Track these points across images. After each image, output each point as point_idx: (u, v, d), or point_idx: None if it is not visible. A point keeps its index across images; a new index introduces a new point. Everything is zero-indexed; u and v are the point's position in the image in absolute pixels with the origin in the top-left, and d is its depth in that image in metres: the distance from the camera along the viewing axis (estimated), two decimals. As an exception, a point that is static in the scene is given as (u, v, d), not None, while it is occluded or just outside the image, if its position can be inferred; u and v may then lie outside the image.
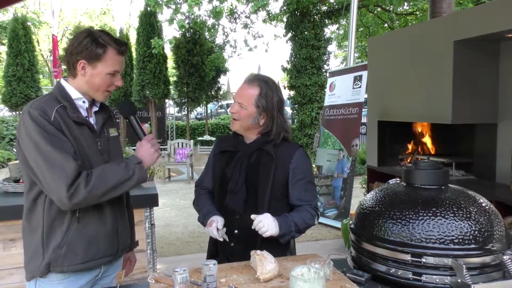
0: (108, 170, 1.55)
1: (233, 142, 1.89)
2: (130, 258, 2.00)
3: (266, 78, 1.82)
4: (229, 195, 1.82)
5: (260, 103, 1.76)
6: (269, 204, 1.76)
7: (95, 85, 1.61)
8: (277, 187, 1.79)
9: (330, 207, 5.92)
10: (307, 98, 11.96)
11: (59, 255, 1.57)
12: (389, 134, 4.29)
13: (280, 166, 1.79)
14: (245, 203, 1.79)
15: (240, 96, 1.78)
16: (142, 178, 1.60)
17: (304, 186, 1.81)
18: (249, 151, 1.83)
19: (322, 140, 6.45)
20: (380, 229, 1.51)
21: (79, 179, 1.47)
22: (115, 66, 1.60)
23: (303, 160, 1.84)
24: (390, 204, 1.55)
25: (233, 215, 1.79)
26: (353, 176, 5.73)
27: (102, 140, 1.69)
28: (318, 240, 5.26)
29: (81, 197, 1.47)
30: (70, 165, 1.46)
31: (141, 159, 1.62)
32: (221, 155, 1.90)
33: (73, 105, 1.61)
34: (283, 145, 1.84)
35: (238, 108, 1.77)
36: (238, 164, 1.82)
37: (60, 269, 1.58)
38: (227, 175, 1.83)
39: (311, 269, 1.36)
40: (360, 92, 5.85)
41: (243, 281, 1.49)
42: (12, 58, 13.03)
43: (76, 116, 1.58)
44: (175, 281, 1.24)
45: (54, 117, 1.52)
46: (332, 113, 6.30)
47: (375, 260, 1.52)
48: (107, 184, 1.52)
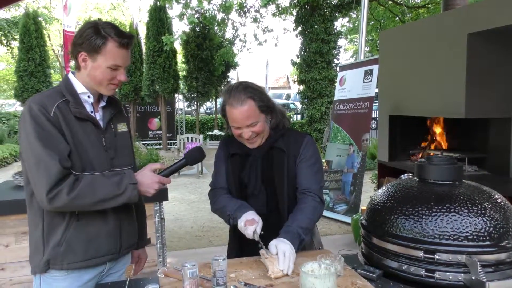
0: (98, 181, 1.51)
1: (238, 144, 1.83)
2: (141, 256, 1.98)
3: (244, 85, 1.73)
4: (250, 198, 1.80)
5: (262, 108, 1.72)
6: (288, 198, 1.77)
7: (96, 79, 1.56)
8: (293, 181, 1.79)
9: (340, 202, 5.89)
10: (317, 92, 11.89)
11: (58, 252, 1.56)
12: (400, 128, 4.23)
13: (291, 156, 1.78)
14: (267, 204, 1.79)
15: (245, 119, 1.67)
16: (133, 197, 1.55)
17: (310, 168, 1.78)
18: (261, 152, 1.80)
19: (332, 134, 6.41)
20: (392, 225, 1.48)
21: (63, 184, 1.44)
22: (116, 60, 1.54)
23: (311, 145, 1.83)
24: (402, 199, 1.52)
25: None
26: (363, 171, 5.69)
27: (108, 136, 1.66)
28: (327, 235, 5.24)
29: (62, 203, 1.45)
30: (54, 167, 1.43)
31: (137, 182, 1.56)
32: (233, 159, 1.85)
33: (77, 99, 1.57)
34: (291, 135, 1.84)
35: (251, 128, 1.70)
36: (253, 168, 1.80)
37: (59, 267, 1.57)
38: (245, 180, 1.81)
39: (322, 265, 1.34)
40: (370, 87, 5.79)
41: (253, 276, 1.48)
42: (23, 53, 13.15)
43: (78, 111, 1.55)
44: (185, 276, 1.24)
45: (54, 113, 1.50)
46: (342, 108, 6.24)
47: (387, 256, 1.50)
48: (94, 195, 1.48)
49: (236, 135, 1.74)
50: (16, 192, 3.04)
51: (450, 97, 3.33)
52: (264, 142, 1.79)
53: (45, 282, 1.61)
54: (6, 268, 2.99)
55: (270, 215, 1.76)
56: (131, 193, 1.53)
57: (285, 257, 1.50)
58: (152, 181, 1.59)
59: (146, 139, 14.36)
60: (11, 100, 24.15)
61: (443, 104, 3.44)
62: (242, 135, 1.71)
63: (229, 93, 1.70)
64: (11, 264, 2.99)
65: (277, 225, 1.65)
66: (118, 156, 1.68)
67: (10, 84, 23.05)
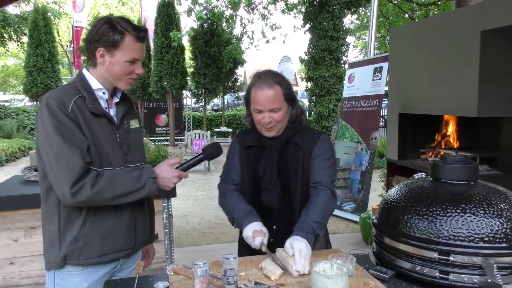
0: (119, 175, 1.52)
1: (255, 136, 1.84)
2: (149, 251, 1.98)
3: (272, 72, 1.79)
4: (264, 192, 1.79)
5: (287, 96, 1.75)
6: (302, 194, 1.77)
7: (115, 74, 1.57)
8: (307, 177, 1.78)
9: (348, 200, 5.87)
10: (325, 90, 11.83)
11: (76, 248, 1.56)
12: (410, 127, 4.18)
13: (307, 152, 1.79)
14: (280, 198, 1.78)
15: (269, 102, 1.70)
16: (153, 192, 1.57)
17: (323, 162, 1.78)
18: (277, 146, 1.80)
19: (340, 132, 6.37)
20: (405, 225, 1.46)
21: (86, 178, 1.45)
22: (134, 54, 1.56)
23: (326, 142, 1.84)
24: (416, 199, 1.50)
25: (269, 211, 1.78)
26: (372, 169, 5.65)
27: (122, 132, 1.66)
28: (335, 233, 5.22)
29: (85, 197, 1.45)
30: (77, 162, 1.43)
31: (157, 176, 1.58)
32: (248, 151, 1.85)
33: (92, 95, 1.57)
34: (307, 131, 1.85)
35: (273, 115, 1.71)
36: (269, 162, 1.79)
37: (76, 262, 1.57)
38: (260, 174, 1.79)
39: (334, 265, 1.32)
40: (380, 84, 5.74)
41: (263, 275, 1.46)
42: (32, 49, 13.22)
43: (94, 107, 1.55)
44: (195, 274, 1.22)
45: (72, 108, 1.50)
46: (351, 105, 6.20)
47: (399, 257, 1.48)
48: (114, 190, 1.49)
49: (257, 120, 1.75)
50: (25, 187, 3.05)
51: (462, 96, 3.28)
52: (281, 135, 1.80)
53: (59, 277, 1.60)
54: (15, 262, 3.01)
55: (283, 210, 1.76)
56: (150, 187, 1.54)
57: (301, 256, 1.48)
58: (172, 175, 1.60)
59: (154, 135, 14.40)
60: (20, 95, 24.35)
61: (455, 103, 3.39)
62: (263, 120, 1.72)
63: (258, 77, 1.74)
64: (20, 258, 3.00)
65: (290, 220, 1.65)
66: (131, 152, 1.68)
67: (19, 79, 23.23)
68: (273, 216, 1.78)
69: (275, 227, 1.74)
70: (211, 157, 1.74)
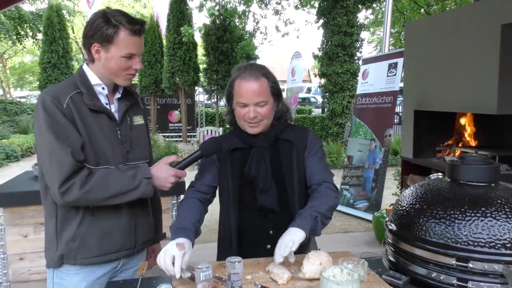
0: (112, 175, 1.47)
1: (238, 138, 1.71)
2: (155, 250, 1.93)
3: (258, 65, 1.69)
4: (261, 195, 1.67)
5: (274, 90, 1.65)
6: (299, 192, 1.67)
7: (111, 70, 1.51)
8: (302, 173, 1.69)
9: (361, 199, 5.77)
10: (339, 86, 11.68)
11: (72, 248, 1.53)
12: (426, 124, 4.07)
13: (300, 149, 1.70)
14: (278, 199, 1.67)
15: (255, 95, 1.58)
16: (148, 193, 1.51)
17: (321, 161, 1.71)
18: (267, 143, 1.69)
19: (353, 129, 6.27)
20: (420, 228, 1.38)
21: (75, 177, 1.41)
22: (130, 48, 1.48)
23: (315, 137, 1.76)
24: (432, 201, 1.41)
25: (266, 215, 1.68)
26: (386, 167, 5.54)
27: (124, 129, 1.61)
28: (347, 232, 5.13)
29: (74, 197, 1.41)
30: (67, 160, 1.39)
31: (152, 176, 1.52)
32: (231, 155, 1.70)
33: (91, 91, 1.53)
34: (295, 129, 1.76)
35: (258, 109, 1.60)
36: (262, 161, 1.67)
37: (73, 262, 1.55)
38: (251, 174, 1.66)
39: (344, 270, 1.25)
40: (395, 80, 5.62)
41: (269, 279, 1.40)
42: (47, 45, 13.34)
43: (92, 103, 1.51)
44: (197, 278, 1.17)
45: (67, 105, 1.45)
46: (365, 102, 6.09)
47: (414, 262, 1.40)
48: (107, 190, 1.44)
49: (240, 115, 1.62)
50: (35, 183, 3.04)
51: (481, 92, 3.16)
52: (269, 132, 1.69)
53: (58, 276, 1.58)
54: (25, 258, 3.01)
55: (281, 211, 1.64)
56: (145, 187, 1.49)
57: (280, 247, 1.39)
58: (168, 174, 1.54)
59: (166, 131, 14.42)
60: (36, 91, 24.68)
61: (473, 99, 3.27)
62: (247, 115, 1.60)
63: (242, 69, 1.63)
64: (29, 254, 3.00)
65: (287, 223, 1.51)
66: (133, 150, 1.63)
67: (35, 75, 23.53)
68: (268, 220, 1.67)
69: (272, 232, 1.64)
70: (210, 154, 1.65)
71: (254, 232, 1.65)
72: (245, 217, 1.68)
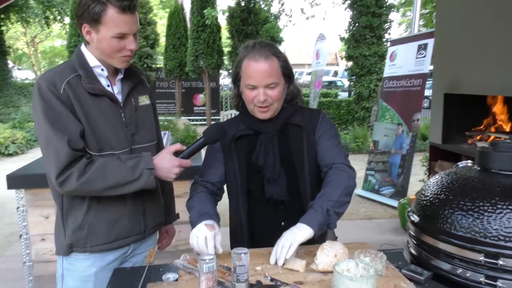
0: (111, 165, 1.40)
1: (244, 124, 1.60)
2: (168, 231, 1.90)
3: (267, 42, 1.55)
4: (269, 185, 1.56)
5: (285, 70, 1.52)
6: (310, 180, 1.55)
7: (104, 51, 1.42)
8: (313, 159, 1.57)
9: (386, 185, 5.63)
10: (366, 69, 11.37)
11: (81, 236, 1.50)
12: (456, 108, 3.87)
13: (310, 132, 1.57)
14: (288, 188, 1.56)
15: (266, 76, 1.45)
16: (150, 184, 1.44)
17: (331, 141, 1.57)
18: (275, 129, 1.57)
19: (379, 113, 6.08)
20: (446, 221, 1.27)
21: (73, 167, 1.35)
22: (120, 28, 1.37)
23: (327, 119, 1.63)
24: (459, 191, 1.30)
25: (276, 206, 1.58)
26: (413, 152, 5.35)
27: (128, 111, 1.53)
28: (371, 219, 5.02)
29: (72, 187, 1.36)
30: (63, 150, 1.34)
31: (155, 167, 1.44)
32: (237, 143, 1.59)
33: (89, 74, 1.45)
34: (305, 112, 1.63)
35: (268, 91, 1.47)
36: (269, 148, 1.55)
37: (82, 250, 1.52)
38: (259, 163, 1.56)
39: (359, 265, 1.16)
40: (424, 62, 5.38)
41: (280, 270, 1.32)
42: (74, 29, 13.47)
43: (91, 86, 1.43)
44: (201, 270, 1.10)
45: (64, 90, 1.39)
46: (392, 85, 5.87)
47: (438, 257, 1.29)
48: (105, 181, 1.38)
49: (249, 98, 1.50)
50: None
51: (518, 74, 2.95)
52: (277, 117, 1.56)
53: (67, 262, 1.56)
54: (47, 239, 3.04)
55: (292, 201, 1.53)
56: (147, 179, 1.41)
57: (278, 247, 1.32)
58: (171, 165, 1.46)
59: (191, 115, 14.47)
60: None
61: (507, 82, 3.06)
62: (257, 98, 1.48)
63: (250, 47, 1.50)
64: (51, 235, 3.02)
65: (299, 214, 1.42)
66: (139, 132, 1.57)
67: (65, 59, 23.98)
68: (279, 211, 1.56)
69: (284, 224, 1.54)
70: (214, 141, 1.54)
71: (265, 224, 1.57)
72: (255, 209, 1.60)
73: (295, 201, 1.51)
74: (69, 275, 1.56)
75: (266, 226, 1.54)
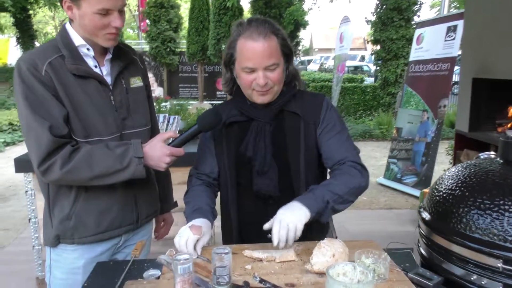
0: (98, 153, 1.31)
1: (237, 109, 1.46)
2: (166, 220, 1.82)
3: (264, 19, 1.38)
4: (257, 178, 1.42)
5: (285, 50, 1.37)
6: (305, 175, 1.40)
7: (87, 29, 1.32)
8: (311, 153, 1.41)
9: (409, 174, 5.41)
10: (393, 53, 10.97)
11: (68, 227, 1.42)
12: (486, 94, 3.62)
13: (310, 123, 1.41)
14: (279, 182, 1.42)
15: (266, 57, 1.30)
16: (139, 173, 1.33)
17: (339, 135, 1.41)
18: (269, 116, 1.42)
19: (404, 99, 5.82)
20: (460, 220, 1.12)
21: (56, 155, 1.27)
22: (102, 2, 1.27)
23: (332, 108, 1.45)
24: (477, 187, 1.14)
25: (265, 201, 1.44)
26: (438, 140, 5.10)
27: (118, 93, 1.44)
28: (391, 208, 4.84)
29: (55, 177, 1.29)
30: (45, 137, 1.25)
31: (145, 155, 1.34)
32: (227, 130, 1.47)
33: (74, 54, 1.35)
34: (305, 97, 1.47)
35: (269, 74, 1.33)
36: (261, 136, 1.40)
37: (70, 241, 1.44)
38: (248, 154, 1.42)
39: (357, 268, 1.03)
40: (453, 45, 5.08)
41: (272, 270, 1.20)
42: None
43: (76, 67, 1.33)
44: (175, 271, 1.00)
45: (45, 72, 1.29)
46: (418, 70, 5.59)
47: (450, 260, 1.15)
48: (91, 170, 1.30)
49: (247, 82, 1.35)
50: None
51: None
52: (274, 101, 1.40)
53: (55, 253, 1.49)
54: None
55: (284, 197, 1.34)
56: (136, 168, 1.32)
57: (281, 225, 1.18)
58: (162, 153, 1.35)
59: (214, 99, 14.41)
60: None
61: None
62: (256, 81, 1.32)
63: (245, 25, 1.35)
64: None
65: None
66: (131, 116, 1.47)
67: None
68: (269, 206, 1.39)
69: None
70: (209, 128, 1.40)
71: (254, 219, 1.43)
72: (244, 203, 1.48)
73: (287, 199, 1.32)
74: (56, 267, 1.50)
75: (256, 222, 1.40)
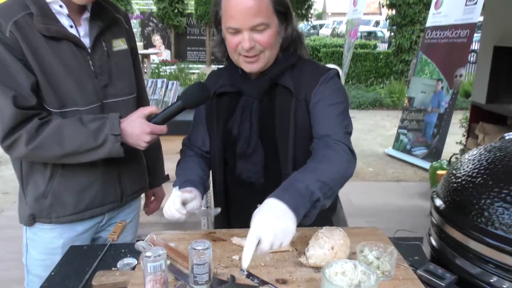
0: (69, 128, 1.16)
1: (229, 78, 1.29)
2: (156, 195, 1.70)
3: None
4: (240, 161, 1.26)
5: (279, 8, 1.15)
6: (294, 160, 1.21)
7: None
8: (303, 137, 1.22)
9: (419, 145, 5.23)
10: (408, 18, 10.51)
11: (44, 205, 1.29)
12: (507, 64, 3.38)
13: (302, 100, 1.21)
14: (265, 168, 1.25)
15: (251, 15, 1.10)
16: (116, 152, 1.19)
17: (330, 108, 1.19)
18: (259, 90, 1.23)
19: (418, 67, 5.55)
20: (481, 213, 0.96)
21: (21, 130, 1.13)
22: None
23: (332, 81, 1.23)
24: (503, 176, 0.98)
25: (250, 187, 1.28)
26: (452, 111, 4.88)
27: (98, 57, 1.27)
28: (399, 181, 4.70)
29: (20, 153, 1.17)
30: (7, 109, 1.11)
31: (122, 133, 1.19)
32: (218, 101, 1.29)
33: (45, 11, 1.17)
34: (305, 69, 1.26)
35: (256, 36, 1.13)
36: (247, 114, 1.23)
37: (48, 221, 1.32)
38: (233, 133, 1.26)
39: (359, 267, 0.89)
40: (474, 11, 4.75)
41: (262, 263, 1.07)
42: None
43: (45, 28, 1.16)
44: (145, 270, 0.86)
45: (10, 32, 1.12)
46: (435, 36, 5.28)
47: (466, 257, 1.01)
48: (61, 147, 1.16)
49: (232, 45, 1.16)
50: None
51: None
52: (265, 72, 1.22)
53: (31, 232, 1.37)
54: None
55: (269, 184, 1.11)
56: (112, 146, 1.17)
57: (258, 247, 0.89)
58: (142, 131, 1.19)
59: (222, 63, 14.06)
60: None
61: None
62: (241, 44, 1.13)
63: None
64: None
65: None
66: (113, 83, 1.32)
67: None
68: (256, 192, 1.22)
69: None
70: (194, 104, 1.23)
71: (241, 202, 1.29)
72: (231, 183, 1.32)
73: (273, 184, 1.08)
74: (33, 247, 1.38)
75: (242, 205, 1.25)
